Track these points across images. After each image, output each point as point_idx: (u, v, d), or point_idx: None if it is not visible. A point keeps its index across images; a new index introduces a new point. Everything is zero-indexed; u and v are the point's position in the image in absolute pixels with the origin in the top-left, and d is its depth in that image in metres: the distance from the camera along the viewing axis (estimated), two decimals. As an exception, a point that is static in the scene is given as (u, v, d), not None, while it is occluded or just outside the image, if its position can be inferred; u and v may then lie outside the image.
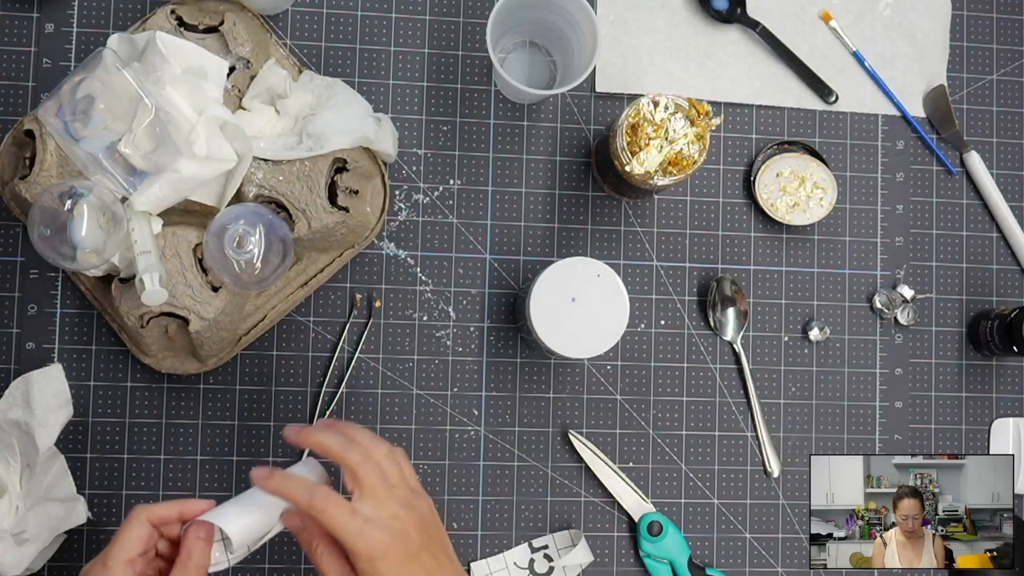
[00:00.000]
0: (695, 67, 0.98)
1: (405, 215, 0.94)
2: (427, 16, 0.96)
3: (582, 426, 0.95)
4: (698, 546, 0.95)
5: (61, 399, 0.87)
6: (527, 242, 0.95)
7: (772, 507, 0.96)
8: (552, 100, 0.97)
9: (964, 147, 1.01)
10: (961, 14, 1.02)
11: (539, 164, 0.96)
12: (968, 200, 1.01)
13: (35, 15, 0.91)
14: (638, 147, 0.84)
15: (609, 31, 0.97)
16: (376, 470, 0.70)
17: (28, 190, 0.81)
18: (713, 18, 0.98)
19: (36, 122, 0.81)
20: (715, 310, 0.96)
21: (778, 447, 0.97)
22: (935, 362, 0.99)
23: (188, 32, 0.85)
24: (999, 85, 1.02)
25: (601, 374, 0.95)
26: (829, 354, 0.98)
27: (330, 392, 0.92)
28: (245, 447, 0.91)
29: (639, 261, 0.96)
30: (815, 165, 0.96)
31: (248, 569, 0.90)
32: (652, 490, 0.95)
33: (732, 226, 0.98)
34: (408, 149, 0.95)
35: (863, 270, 0.99)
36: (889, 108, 1.00)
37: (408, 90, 0.95)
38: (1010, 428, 0.99)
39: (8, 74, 0.91)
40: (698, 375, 0.96)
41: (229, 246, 0.78)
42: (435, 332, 0.94)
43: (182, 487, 0.90)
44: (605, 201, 0.97)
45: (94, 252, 0.78)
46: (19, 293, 0.90)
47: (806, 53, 0.99)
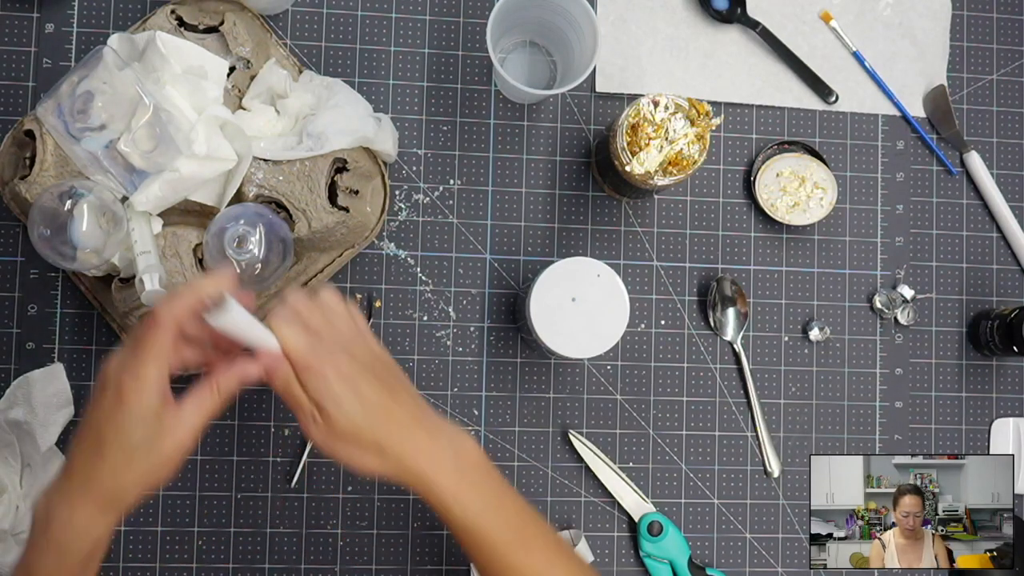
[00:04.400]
0: (695, 67, 0.98)
1: (405, 215, 0.94)
2: (427, 16, 0.96)
3: (582, 426, 0.95)
4: (698, 546, 0.95)
5: (62, 399, 0.87)
6: (527, 242, 0.95)
7: (772, 507, 0.96)
8: (552, 100, 0.97)
9: (964, 147, 1.01)
10: (961, 14, 1.02)
11: (539, 164, 0.96)
12: (968, 200, 1.01)
13: (35, 15, 0.91)
14: (638, 147, 0.84)
15: (609, 31, 0.97)
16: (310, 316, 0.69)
17: (28, 190, 0.81)
18: (713, 18, 0.98)
19: (36, 122, 0.81)
20: (715, 310, 0.96)
21: (778, 447, 0.97)
22: (935, 362, 0.99)
23: (188, 32, 0.85)
24: (999, 85, 1.02)
25: (601, 374, 0.95)
26: (829, 354, 0.98)
27: (330, 392, 0.92)
28: (245, 447, 0.91)
29: (639, 261, 0.96)
30: (815, 165, 0.96)
31: (248, 569, 0.90)
32: (652, 490, 0.95)
33: (732, 226, 0.98)
34: (408, 149, 0.95)
35: (863, 270, 0.99)
36: (889, 108, 1.00)
37: (408, 90, 0.95)
38: (1010, 428, 0.99)
39: (8, 74, 0.91)
40: (698, 375, 0.96)
41: (229, 246, 0.78)
42: (435, 332, 0.94)
43: (182, 487, 0.90)
44: (605, 201, 0.97)
45: (94, 252, 0.78)
46: (19, 293, 0.90)
47: (806, 53, 0.99)
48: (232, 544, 0.90)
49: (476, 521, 0.70)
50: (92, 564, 0.67)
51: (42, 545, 0.65)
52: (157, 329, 0.65)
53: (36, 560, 0.66)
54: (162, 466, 0.66)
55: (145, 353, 0.64)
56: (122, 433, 0.64)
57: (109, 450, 0.64)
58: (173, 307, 0.65)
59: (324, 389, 0.67)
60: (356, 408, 0.67)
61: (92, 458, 0.65)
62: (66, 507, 0.65)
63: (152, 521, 0.90)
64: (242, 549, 0.90)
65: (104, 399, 0.65)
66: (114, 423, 0.64)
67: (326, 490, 0.91)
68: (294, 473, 0.91)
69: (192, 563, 0.90)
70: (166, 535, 0.90)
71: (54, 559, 0.65)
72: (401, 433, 0.69)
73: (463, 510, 0.70)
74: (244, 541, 0.90)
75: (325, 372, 0.67)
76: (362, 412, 0.67)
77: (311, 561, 0.91)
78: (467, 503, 0.70)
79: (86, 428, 0.66)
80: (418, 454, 0.69)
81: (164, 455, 0.65)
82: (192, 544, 0.90)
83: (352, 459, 0.68)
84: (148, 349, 0.65)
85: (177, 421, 0.65)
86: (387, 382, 0.70)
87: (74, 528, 0.65)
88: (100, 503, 0.65)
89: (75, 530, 0.65)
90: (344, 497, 0.92)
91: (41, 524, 0.66)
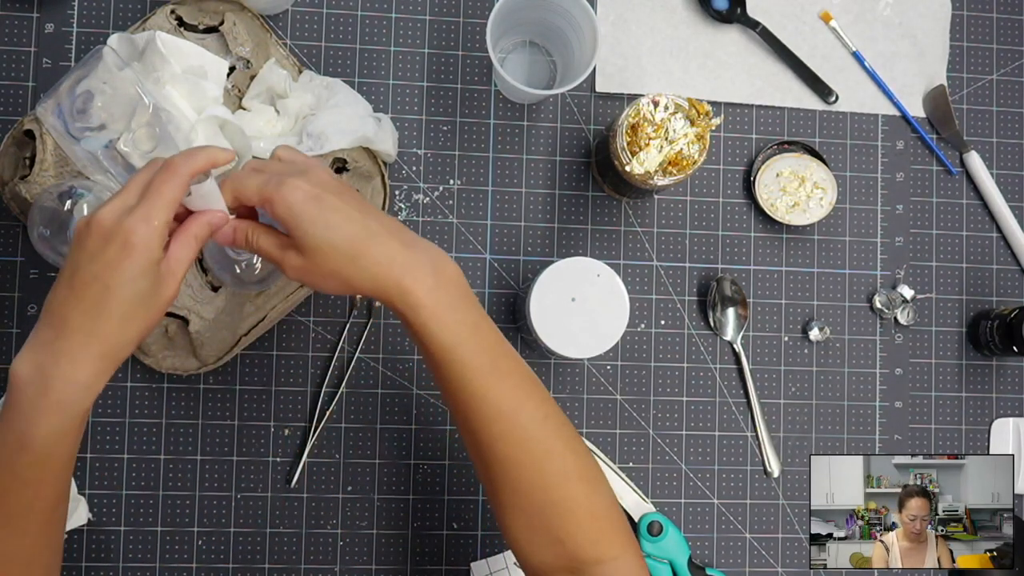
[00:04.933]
0: (695, 67, 0.98)
1: (405, 215, 0.94)
2: (427, 16, 0.96)
3: (582, 426, 0.95)
4: (698, 546, 0.95)
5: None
6: (527, 242, 0.95)
7: (772, 507, 0.96)
8: (552, 100, 0.97)
9: (964, 147, 1.01)
10: (961, 14, 1.02)
11: (539, 164, 0.96)
12: (968, 200, 1.01)
13: (35, 15, 0.91)
14: (638, 147, 0.84)
15: (609, 31, 0.97)
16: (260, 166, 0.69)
17: (28, 190, 0.81)
18: (713, 18, 0.98)
19: (36, 122, 0.81)
20: (715, 310, 0.96)
21: (778, 447, 0.97)
22: (935, 362, 0.99)
23: (188, 32, 0.86)
24: (999, 85, 1.02)
25: (601, 374, 0.95)
26: (829, 354, 0.98)
27: (330, 392, 0.92)
28: (245, 447, 0.91)
29: (639, 261, 0.96)
30: (815, 165, 0.96)
31: (248, 569, 0.90)
32: (652, 490, 0.95)
33: (732, 226, 0.98)
34: (408, 149, 0.95)
35: (863, 270, 0.99)
36: (889, 108, 1.00)
37: (408, 90, 0.95)
38: (1010, 428, 0.99)
39: (8, 74, 0.91)
40: (698, 375, 0.96)
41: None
42: (435, 332, 0.94)
43: (182, 487, 0.90)
44: (605, 201, 0.97)
45: (94, 252, 0.78)
46: (19, 293, 0.90)
47: (806, 53, 0.99)
48: (232, 544, 0.90)
49: (452, 340, 0.67)
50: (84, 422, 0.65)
51: (40, 407, 0.62)
52: (175, 177, 0.64)
53: (31, 426, 0.62)
54: (157, 316, 0.65)
55: (160, 199, 0.63)
56: (131, 283, 0.62)
57: (116, 302, 0.62)
58: (191, 160, 0.65)
59: (290, 215, 0.65)
60: (325, 221, 0.65)
61: (95, 312, 0.62)
62: (68, 364, 0.62)
63: (152, 521, 0.90)
64: (242, 549, 0.90)
65: (109, 249, 0.62)
66: (121, 273, 0.62)
67: (326, 490, 0.91)
68: (294, 473, 0.91)
69: (192, 563, 0.90)
70: (166, 535, 0.90)
71: (56, 420, 0.63)
72: (374, 240, 0.66)
73: (439, 326, 0.67)
74: (244, 541, 0.90)
75: (286, 197, 0.65)
76: (332, 225, 0.65)
77: (311, 561, 0.91)
78: (444, 319, 0.67)
79: (82, 282, 0.63)
80: (393, 263, 0.66)
81: (161, 304, 0.64)
82: (192, 544, 0.90)
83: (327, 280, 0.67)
84: (163, 195, 0.63)
85: (168, 269, 0.64)
86: (354, 198, 0.68)
87: (79, 385, 0.63)
88: (104, 358, 0.63)
89: (80, 387, 0.63)
90: (344, 497, 0.92)
91: (36, 386, 0.62)
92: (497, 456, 0.69)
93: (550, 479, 0.69)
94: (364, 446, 0.92)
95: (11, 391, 0.63)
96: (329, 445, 0.92)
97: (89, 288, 0.62)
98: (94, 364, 0.63)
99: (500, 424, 0.69)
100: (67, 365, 0.62)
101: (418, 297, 0.66)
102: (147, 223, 0.62)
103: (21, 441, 0.63)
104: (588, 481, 0.71)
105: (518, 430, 0.69)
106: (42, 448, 0.63)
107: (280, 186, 0.65)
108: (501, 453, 0.69)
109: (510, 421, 0.68)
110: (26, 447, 0.63)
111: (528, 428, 0.69)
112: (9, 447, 0.63)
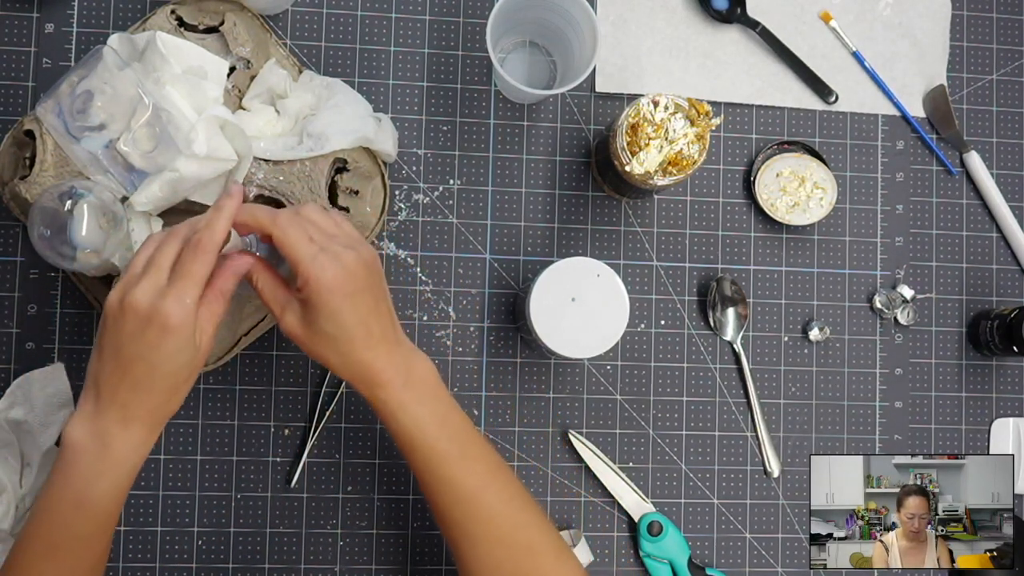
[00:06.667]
0: (695, 67, 0.98)
1: (405, 215, 0.94)
2: (427, 16, 0.96)
3: (582, 426, 0.95)
4: (698, 546, 0.95)
5: (63, 398, 0.87)
6: (527, 242, 0.95)
7: (772, 507, 0.96)
8: (552, 100, 0.97)
9: (964, 147, 1.01)
10: (961, 14, 1.02)
11: (539, 164, 0.96)
12: (968, 200, 1.01)
13: (35, 15, 0.91)
14: (638, 147, 0.84)
15: (609, 31, 0.97)
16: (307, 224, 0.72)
17: (28, 190, 0.81)
18: (713, 18, 0.98)
19: (36, 122, 0.81)
20: (715, 310, 0.96)
21: (778, 447, 0.97)
22: (935, 362, 0.99)
23: (188, 32, 0.85)
24: (999, 85, 1.02)
25: (601, 374, 0.95)
26: (829, 354, 0.98)
27: (330, 392, 0.92)
28: (245, 447, 0.91)
29: (639, 261, 0.96)
30: (815, 165, 0.96)
31: (248, 569, 0.90)
32: (652, 490, 0.95)
33: (732, 226, 0.98)
34: (408, 149, 0.95)
35: (863, 270, 0.99)
36: (889, 108, 1.00)
37: (408, 90, 0.95)
38: (1010, 428, 0.99)
39: (8, 74, 0.91)
40: (698, 375, 0.96)
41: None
42: (435, 332, 0.94)
43: (182, 487, 0.90)
44: (605, 201, 0.97)
45: (94, 252, 0.78)
46: (19, 293, 0.90)
47: (806, 53, 0.99)
48: (232, 544, 0.90)
49: (420, 429, 0.73)
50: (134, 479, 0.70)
51: (98, 470, 0.68)
52: (205, 256, 0.68)
53: (89, 487, 0.68)
54: (197, 372, 0.70)
55: (191, 278, 0.67)
56: (172, 360, 0.67)
57: (160, 377, 0.67)
58: (215, 234, 0.69)
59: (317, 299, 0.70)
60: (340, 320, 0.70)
61: (142, 388, 0.67)
62: (121, 431, 0.68)
63: (152, 521, 0.90)
64: (242, 549, 0.90)
65: (149, 332, 0.66)
66: (163, 352, 0.67)
67: (326, 490, 0.91)
68: (294, 473, 0.91)
69: (192, 563, 0.90)
70: (166, 535, 0.90)
71: (113, 479, 0.68)
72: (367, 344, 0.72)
73: (407, 417, 0.73)
74: (244, 541, 0.90)
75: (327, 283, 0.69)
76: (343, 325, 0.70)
77: (311, 561, 0.91)
78: (411, 412, 0.73)
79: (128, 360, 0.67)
80: (373, 365, 0.72)
81: (199, 362, 0.70)
82: (192, 544, 0.90)
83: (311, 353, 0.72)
84: (194, 275, 0.68)
85: (201, 329, 0.69)
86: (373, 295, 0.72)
87: (132, 445, 0.69)
88: (153, 424, 0.69)
89: (133, 448, 0.69)
90: (344, 497, 0.92)
91: (92, 452, 0.68)
92: (465, 533, 0.74)
93: (517, 552, 0.74)
94: (364, 446, 0.92)
95: (67, 456, 0.68)
96: (329, 445, 0.92)
97: (135, 366, 0.67)
98: (144, 428, 0.69)
99: (466, 504, 0.74)
100: (120, 432, 0.68)
101: (388, 393, 0.73)
102: (181, 304, 0.67)
103: (79, 500, 0.68)
104: (555, 554, 0.75)
105: (484, 509, 0.74)
106: (99, 505, 0.69)
107: (324, 271, 0.69)
108: (469, 531, 0.74)
109: (476, 501, 0.74)
110: (83, 505, 0.68)
111: (494, 506, 0.74)
112: (66, 505, 0.68)
